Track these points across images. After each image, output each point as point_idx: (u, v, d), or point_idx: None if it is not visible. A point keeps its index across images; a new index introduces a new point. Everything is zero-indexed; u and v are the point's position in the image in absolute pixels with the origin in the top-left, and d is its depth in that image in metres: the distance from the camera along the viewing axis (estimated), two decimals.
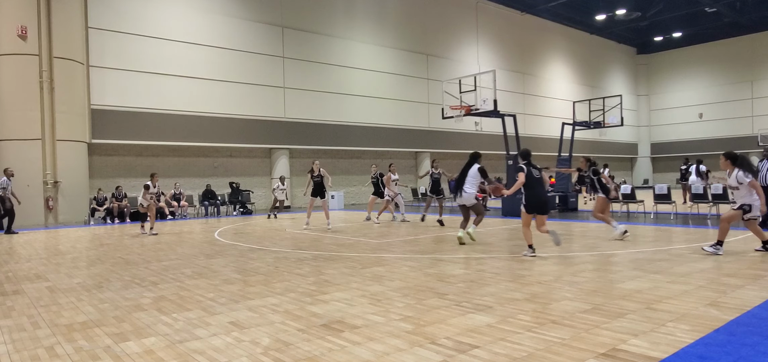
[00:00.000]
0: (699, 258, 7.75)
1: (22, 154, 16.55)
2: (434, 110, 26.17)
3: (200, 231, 13.80)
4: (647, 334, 4.16)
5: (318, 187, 14.14)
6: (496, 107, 16.55)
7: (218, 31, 21.47)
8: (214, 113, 21.24)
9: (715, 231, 11.16)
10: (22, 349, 4.20)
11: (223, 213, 20.86)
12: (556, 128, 23.88)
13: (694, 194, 14.72)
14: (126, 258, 9.13)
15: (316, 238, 11.64)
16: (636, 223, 13.34)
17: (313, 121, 24.07)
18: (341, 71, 25.15)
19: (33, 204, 16.71)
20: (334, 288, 6.17)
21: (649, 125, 44.03)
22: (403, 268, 7.44)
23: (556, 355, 3.75)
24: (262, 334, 4.44)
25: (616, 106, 21.89)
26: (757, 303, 5.05)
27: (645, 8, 34.74)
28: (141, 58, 19.46)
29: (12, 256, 9.84)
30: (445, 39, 29.83)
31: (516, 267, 7.32)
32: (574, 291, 5.74)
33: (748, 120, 38.18)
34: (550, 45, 36.62)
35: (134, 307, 5.51)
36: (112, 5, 18.89)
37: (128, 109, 19.13)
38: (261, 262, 8.32)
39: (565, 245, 9.47)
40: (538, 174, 8.75)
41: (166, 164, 20.94)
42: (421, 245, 10.00)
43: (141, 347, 4.17)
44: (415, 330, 4.45)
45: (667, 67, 42.86)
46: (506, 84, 31.75)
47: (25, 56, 16.53)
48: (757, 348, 3.83)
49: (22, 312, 5.46)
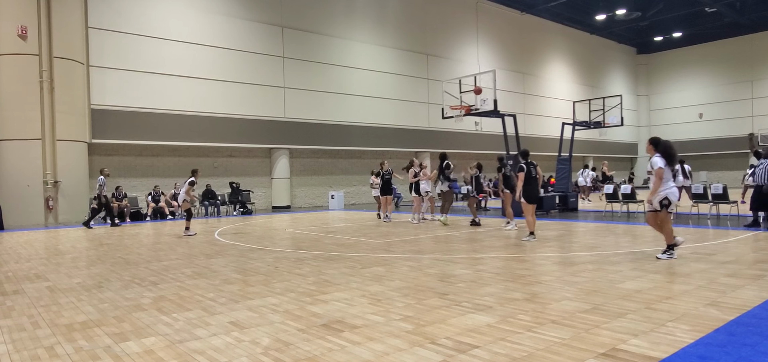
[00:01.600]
0: (699, 258, 7.75)
1: (22, 154, 16.56)
2: (434, 110, 26.17)
3: (200, 231, 13.80)
4: (647, 334, 4.16)
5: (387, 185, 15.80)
6: (496, 107, 16.54)
7: (218, 31, 21.47)
8: (214, 113, 21.25)
9: (715, 232, 11.19)
10: (22, 349, 4.20)
11: (223, 213, 20.86)
12: (556, 128, 23.89)
13: (695, 194, 14.71)
14: (126, 258, 9.14)
15: (316, 238, 11.64)
16: (636, 223, 13.33)
17: (313, 121, 24.08)
18: (341, 71, 25.15)
19: (33, 204, 16.73)
20: (334, 288, 6.18)
21: (649, 125, 44.02)
22: (403, 268, 7.44)
23: (556, 355, 3.75)
24: (262, 334, 4.44)
25: (616, 106, 21.89)
26: (757, 303, 5.05)
27: (645, 8, 34.74)
28: (141, 58, 19.46)
29: (12, 256, 9.84)
30: (445, 39, 29.83)
31: (516, 267, 7.32)
32: (574, 291, 5.74)
33: (748, 120, 38.18)
34: (550, 45, 36.62)
35: (134, 307, 5.51)
36: (112, 5, 18.90)
37: (128, 109, 19.13)
38: (261, 262, 8.32)
39: (565, 245, 9.52)
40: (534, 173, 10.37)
41: (166, 164, 20.94)
42: (421, 245, 10.00)
43: (141, 347, 4.17)
44: (415, 330, 4.45)
45: (667, 67, 42.86)
46: (506, 84, 31.75)
47: (25, 56, 16.53)
48: (757, 348, 3.83)
49: (22, 311, 5.46)
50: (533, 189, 10.31)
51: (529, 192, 10.24)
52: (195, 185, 13.34)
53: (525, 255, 8.49)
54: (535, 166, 10.53)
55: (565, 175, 19.88)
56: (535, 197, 10.33)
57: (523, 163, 10.38)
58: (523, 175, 10.20)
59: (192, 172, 13.60)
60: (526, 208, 10.32)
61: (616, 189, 17.55)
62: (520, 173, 10.26)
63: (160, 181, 20.05)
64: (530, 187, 10.25)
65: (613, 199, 16.81)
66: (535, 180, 10.42)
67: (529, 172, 10.27)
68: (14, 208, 16.44)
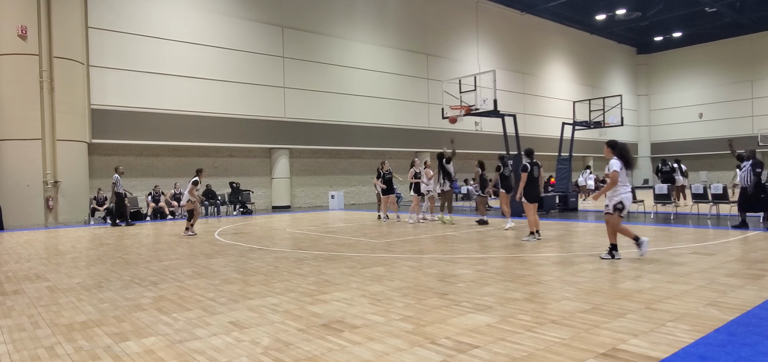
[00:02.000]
0: (699, 258, 7.75)
1: (22, 154, 16.55)
2: (434, 110, 26.17)
3: (200, 231, 13.79)
4: (647, 334, 4.16)
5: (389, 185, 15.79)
6: (496, 107, 16.54)
7: (218, 31, 21.47)
8: (214, 113, 21.25)
9: (715, 232, 11.19)
10: (22, 349, 4.20)
11: (223, 212, 20.86)
12: (556, 128, 23.90)
13: (694, 194, 14.72)
14: (126, 258, 9.14)
15: (316, 238, 11.64)
16: (636, 223, 13.34)
17: (313, 121, 24.08)
18: (341, 71, 25.15)
19: (33, 204, 16.73)
20: (334, 288, 6.18)
21: (649, 125, 44.04)
22: (403, 268, 7.44)
23: (556, 355, 3.75)
24: (262, 334, 4.44)
25: (616, 106, 21.90)
26: (757, 303, 5.06)
27: (645, 8, 34.73)
28: (141, 58, 19.46)
29: (12, 256, 9.84)
30: (445, 39, 29.83)
31: (516, 267, 7.32)
32: (574, 291, 5.74)
33: (748, 120, 38.19)
34: (550, 45, 36.62)
35: (134, 307, 5.51)
36: (112, 5, 18.89)
37: (128, 109, 19.13)
38: (261, 262, 8.32)
39: (565, 245, 9.52)
40: (537, 173, 10.44)
41: (166, 164, 20.95)
42: (421, 245, 10.00)
43: (141, 347, 4.17)
44: (415, 330, 4.45)
45: (667, 67, 42.87)
46: (506, 84, 31.76)
47: (25, 56, 16.52)
48: (757, 348, 3.83)
49: (22, 311, 5.46)
50: (534, 188, 10.36)
51: (530, 192, 10.28)
52: (198, 185, 13.27)
53: (525, 255, 8.49)
54: (539, 166, 10.57)
55: (565, 175, 19.88)
56: (536, 197, 10.37)
57: (526, 161, 10.39)
58: (526, 175, 10.23)
59: (196, 172, 13.56)
60: (527, 208, 10.36)
61: None
62: (524, 173, 10.27)
63: (160, 181, 20.04)
64: (532, 187, 10.29)
65: None
66: (537, 180, 10.48)
67: (532, 171, 10.31)
68: (14, 208, 16.44)
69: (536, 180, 10.46)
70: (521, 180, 10.33)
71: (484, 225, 13.44)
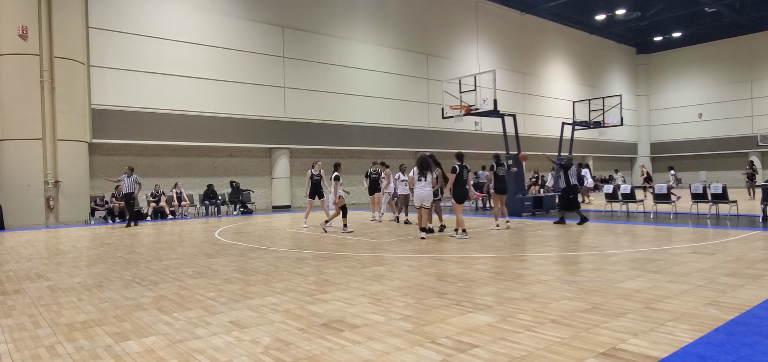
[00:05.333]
0: (699, 258, 7.76)
1: (23, 154, 16.56)
2: (434, 110, 26.17)
3: (201, 231, 13.81)
4: (647, 334, 4.17)
5: (315, 187, 14.67)
6: (496, 107, 16.56)
7: (218, 31, 21.48)
8: (214, 113, 21.25)
9: (715, 231, 11.20)
10: (23, 348, 4.21)
11: (223, 212, 20.87)
12: (556, 128, 23.91)
13: (694, 194, 14.73)
14: (127, 258, 9.14)
15: (316, 238, 11.65)
16: (636, 223, 13.35)
17: (313, 121, 24.08)
18: (341, 71, 25.15)
19: (34, 204, 16.73)
20: (334, 288, 6.19)
21: (649, 125, 44.03)
22: (403, 268, 7.45)
23: (556, 355, 3.76)
24: (262, 334, 4.45)
25: (616, 106, 21.92)
26: (757, 302, 5.07)
27: (645, 8, 34.73)
28: (141, 58, 19.46)
29: (13, 256, 9.85)
30: (445, 39, 29.83)
31: (516, 267, 7.33)
32: (574, 290, 5.75)
33: (748, 120, 38.19)
34: (550, 45, 36.62)
35: (135, 306, 5.52)
36: (113, 5, 18.90)
37: (129, 109, 19.14)
38: (261, 262, 8.33)
39: (564, 245, 9.53)
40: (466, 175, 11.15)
41: (167, 164, 20.96)
42: (421, 245, 10.01)
43: (141, 346, 4.18)
44: (415, 329, 4.46)
45: (666, 67, 42.86)
46: (506, 84, 31.76)
47: (26, 56, 16.53)
48: (757, 347, 3.84)
49: (23, 311, 5.47)
50: (462, 190, 11.03)
51: (459, 193, 10.92)
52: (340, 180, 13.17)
53: (525, 254, 8.50)
54: (467, 169, 11.27)
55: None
56: (463, 197, 11.02)
57: (457, 164, 10.99)
58: (454, 177, 10.87)
59: (335, 166, 13.63)
60: (456, 208, 10.92)
61: (616, 189, 17.56)
62: (453, 174, 10.89)
63: (161, 181, 20.04)
64: (460, 188, 10.95)
65: (612, 199, 16.83)
66: (466, 181, 11.19)
67: (460, 173, 10.94)
68: (15, 208, 16.45)
69: (465, 181, 11.14)
70: (449, 180, 11.01)
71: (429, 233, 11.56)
